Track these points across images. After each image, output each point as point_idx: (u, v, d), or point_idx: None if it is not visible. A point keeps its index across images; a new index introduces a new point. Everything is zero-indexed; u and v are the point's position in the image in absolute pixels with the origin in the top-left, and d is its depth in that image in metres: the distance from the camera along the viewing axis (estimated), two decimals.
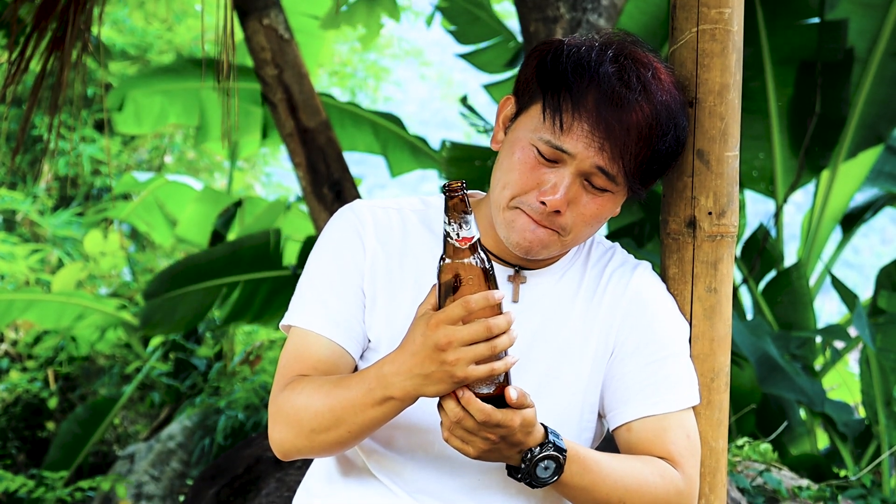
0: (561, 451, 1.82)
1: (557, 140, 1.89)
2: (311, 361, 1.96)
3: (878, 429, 4.73)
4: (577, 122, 1.88)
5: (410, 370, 1.77)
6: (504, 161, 1.96)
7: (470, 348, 1.73)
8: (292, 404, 1.91)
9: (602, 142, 1.88)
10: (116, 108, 6.66)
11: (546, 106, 1.90)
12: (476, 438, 1.77)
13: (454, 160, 5.95)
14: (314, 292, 1.99)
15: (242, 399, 6.24)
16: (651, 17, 5.65)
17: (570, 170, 1.90)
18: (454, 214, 1.73)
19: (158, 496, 6.16)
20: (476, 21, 6.37)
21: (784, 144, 5.77)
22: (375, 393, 1.82)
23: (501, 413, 1.74)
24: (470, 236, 1.73)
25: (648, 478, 1.92)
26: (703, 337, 2.09)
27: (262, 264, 6.09)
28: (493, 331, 1.73)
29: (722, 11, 2.07)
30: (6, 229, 9.16)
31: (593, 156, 1.89)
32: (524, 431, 1.77)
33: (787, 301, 5.55)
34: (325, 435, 1.88)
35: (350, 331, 1.97)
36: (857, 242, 18.56)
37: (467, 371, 1.73)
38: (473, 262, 1.74)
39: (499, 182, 1.95)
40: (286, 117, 5.11)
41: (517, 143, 1.94)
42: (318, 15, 6.65)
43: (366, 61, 12.09)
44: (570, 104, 1.88)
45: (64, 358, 7.41)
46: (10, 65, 3.46)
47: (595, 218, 1.95)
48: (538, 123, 1.91)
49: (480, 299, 1.72)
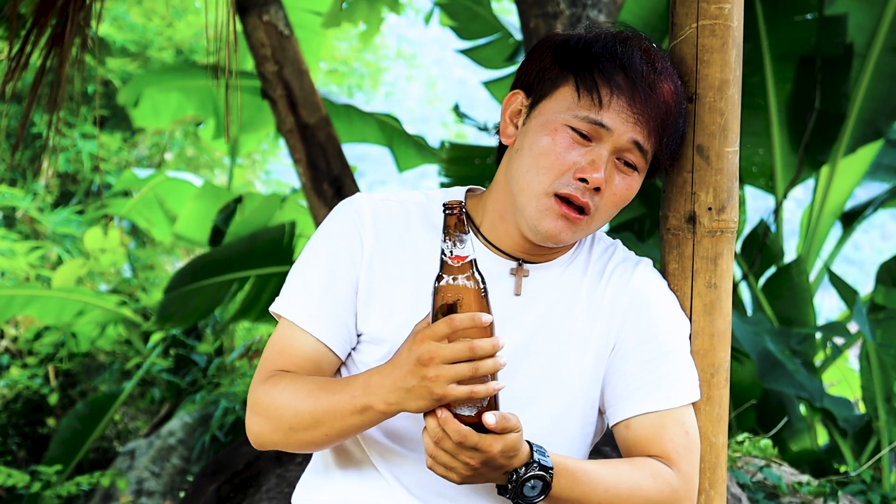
0: (547, 469, 1.81)
1: (597, 115, 1.92)
2: (294, 357, 1.97)
3: (878, 424, 4.73)
4: (615, 97, 1.91)
5: (394, 383, 1.79)
6: (532, 147, 1.95)
7: (451, 367, 1.73)
8: (273, 400, 1.92)
9: (638, 116, 1.91)
10: (132, 103, 6.77)
11: (580, 84, 1.92)
12: (457, 463, 1.76)
13: (454, 160, 5.95)
14: (305, 286, 2.00)
15: (241, 394, 6.24)
16: (650, 12, 5.65)
17: (606, 147, 1.93)
18: (450, 232, 1.75)
19: (159, 492, 6.17)
20: (476, 17, 6.37)
21: (784, 140, 5.77)
22: (358, 401, 1.83)
23: (479, 437, 1.74)
24: (464, 255, 1.74)
25: (640, 481, 1.93)
26: (703, 332, 2.09)
27: (274, 259, 6.11)
28: (476, 352, 1.73)
29: (722, 7, 2.07)
30: (6, 226, 9.16)
31: (630, 130, 1.92)
32: (506, 456, 1.78)
33: (787, 297, 5.55)
34: (303, 434, 1.91)
35: (336, 329, 1.98)
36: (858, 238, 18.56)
37: (446, 389, 1.74)
38: (466, 282, 1.75)
39: (530, 169, 1.94)
40: (286, 114, 5.11)
41: (546, 126, 1.94)
42: (318, 11, 6.65)
43: (362, 59, 12.09)
44: (605, 80, 1.92)
45: (64, 354, 7.42)
46: (10, 61, 3.46)
47: (623, 199, 1.97)
48: (571, 103, 1.93)
49: (466, 319, 1.73)
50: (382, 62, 12.64)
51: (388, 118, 6.60)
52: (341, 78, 11.79)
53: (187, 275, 6.16)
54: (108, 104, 9.74)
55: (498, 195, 2.02)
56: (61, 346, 7.43)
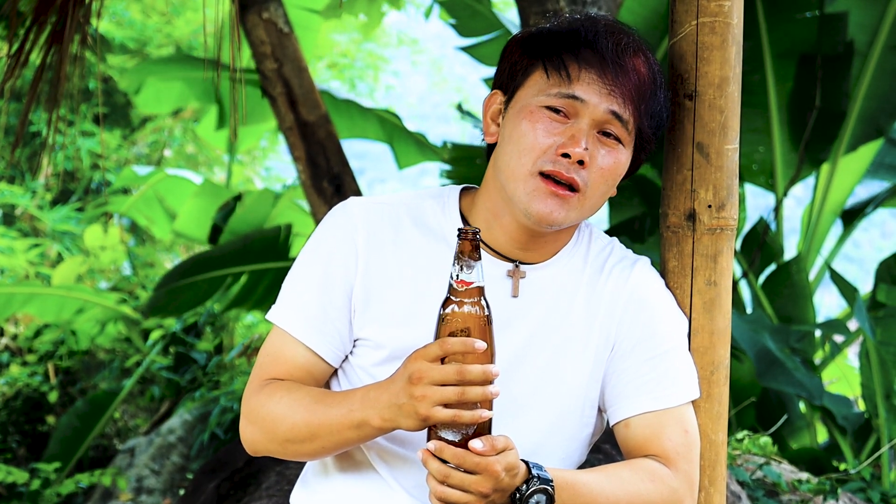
0: (548, 482, 1.82)
1: (568, 88, 1.92)
2: (287, 366, 1.98)
3: (878, 422, 4.73)
4: (584, 71, 1.93)
5: (388, 399, 1.80)
6: (512, 135, 1.96)
7: (438, 388, 1.74)
8: (269, 411, 1.93)
9: (611, 87, 1.92)
10: (134, 91, 6.83)
11: (547, 66, 1.94)
12: (470, 497, 1.76)
13: (456, 160, 5.95)
14: (298, 295, 2.00)
15: (241, 391, 6.23)
16: (650, 10, 5.64)
17: (584, 121, 1.93)
18: (459, 257, 1.77)
19: (159, 490, 6.16)
20: (476, 15, 6.36)
21: (784, 138, 5.76)
22: (355, 415, 1.84)
23: (478, 457, 1.74)
24: (469, 281, 1.76)
25: (639, 485, 1.93)
26: (703, 330, 2.09)
27: (271, 256, 6.11)
28: (464, 375, 1.73)
29: (721, 4, 2.07)
30: (5, 223, 9.16)
31: (604, 101, 1.92)
32: (510, 475, 1.78)
33: (787, 295, 5.55)
34: (298, 446, 1.92)
35: (329, 339, 1.99)
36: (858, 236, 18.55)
37: (430, 411, 1.74)
38: (470, 308, 1.76)
39: (512, 155, 1.95)
40: (286, 111, 5.10)
41: (522, 112, 1.95)
42: (317, 8, 6.65)
43: (364, 51, 12.06)
44: (573, 58, 1.93)
45: (64, 352, 7.42)
46: (10, 58, 3.46)
47: (611, 173, 1.96)
48: (542, 85, 1.94)
49: (458, 343, 1.73)
50: (384, 50, 12.60)
51: (389, 114, 6.59)
52: (342, 72, 11.77)
53: (178, 272, 6.16)
54: (107, 101, 9.74)
55: (489, 192, 2.02)
56: (61, 344, 7.43)
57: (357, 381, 1.99)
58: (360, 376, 1.99)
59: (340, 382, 2.03)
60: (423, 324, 1.89)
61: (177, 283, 6.09)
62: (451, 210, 2.04)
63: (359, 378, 1.99)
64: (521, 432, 1.88)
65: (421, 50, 14.11)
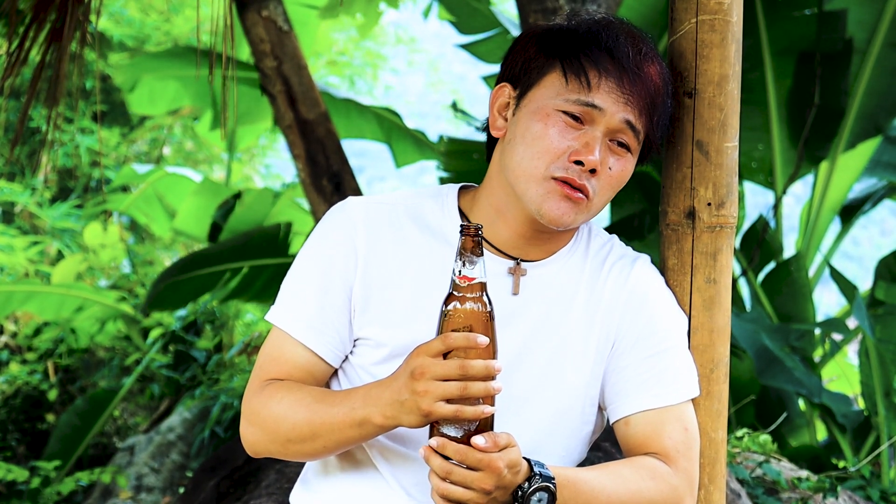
0: (549, 479, 1.81)
1: (587, 96, 1.93)
2: (287, 366, 1.98)
3: (878, 420, 4.73)
4: (603, 79, 1.93)
5: (391, 395, 1.80)
6: (525, 135, 1.95)
7: (440, 383, 1.74)
8: (270, 411, 1.93)
9: (628, 96, 1.93)
10: (128, 87, 6.74)
11: (567, 69, 1.94)
12: (472, 494, 1.75)
13: (452, 154, 5.94)
14: (297, 295, 2.00)
15: (240, 389, 6.24)
16: (650, 7, 5.64)
17: (599, 128, 1.93)
18: (462, 253, 1.77)
19: (158, 488, 6.17)
20: (475, 13, 6.36)
21: (783, 135, 5.76)
22: (357, 413, 1.84)
23: (481, 454, 1.74)
24: (472, 277, 1.76)
25: (640, 483, 1.93)
26: (703, 328, 2.09)
27: (270, 252, 6.11)
28: (467, 371, 1.73)
29: (721, 2, 2.07)
30: (5, 221, 9.16)
31: (621, 110, 1.93)
32: (512, 472, 1.78)
33: (786, 293, 5.55)
34: (300, 446, 1.92)
35: (329, 339, 1.98)
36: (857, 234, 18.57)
37: (433, 406, 1.74)
38: (473, 303, 1.76)
39: (525, 156, 1.95)
40: (285, 109, 5.10)
41: (537, 113, 1.95)
42: (315, 5, 6.64)
43: (362, 48, 12.06)
44: (593, 63, 1.93)
45: (64, 350, 7.42)
46: (9, 56, 3.46)
47: (619, 180, 1.97)
48: (560, 88, 1.94)
49: (460, 338, 1.73)
50: (382, 49, 12.59)
51: (388, 112, 6.58)
52: (341, 69, 11.77)
53: (178, 268, 6.16)
54: (106, 99, 9.74)
55: (493, 189, 2.02)
56: (61, 342, 7.43)
57: (357, 381, 1.99)
58: (361, 376, 1.99)
59: (341, 382, 2.03)
60: (424, 322, 1.89)
61: (176, 278, 6.09)
62: (450, 209, 2.04)
63: (359, 377, 1.99)
64: (521, 430, 1.88)
65: (419, 49, 14.12)
